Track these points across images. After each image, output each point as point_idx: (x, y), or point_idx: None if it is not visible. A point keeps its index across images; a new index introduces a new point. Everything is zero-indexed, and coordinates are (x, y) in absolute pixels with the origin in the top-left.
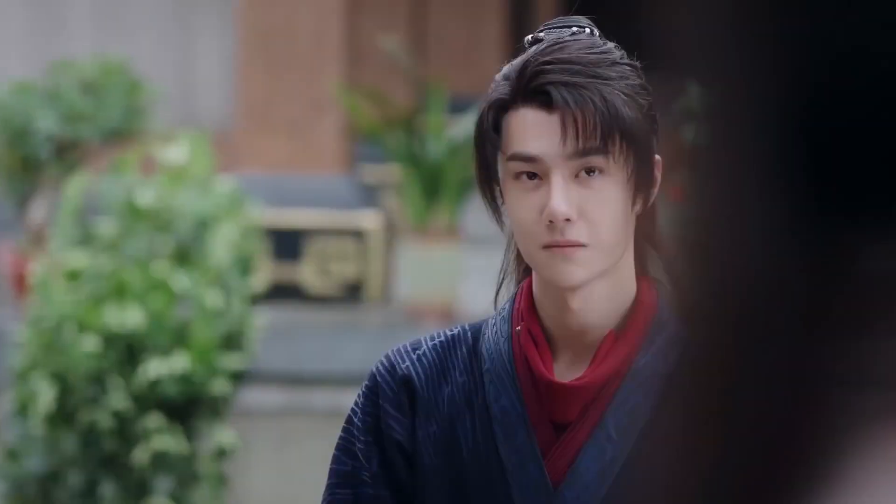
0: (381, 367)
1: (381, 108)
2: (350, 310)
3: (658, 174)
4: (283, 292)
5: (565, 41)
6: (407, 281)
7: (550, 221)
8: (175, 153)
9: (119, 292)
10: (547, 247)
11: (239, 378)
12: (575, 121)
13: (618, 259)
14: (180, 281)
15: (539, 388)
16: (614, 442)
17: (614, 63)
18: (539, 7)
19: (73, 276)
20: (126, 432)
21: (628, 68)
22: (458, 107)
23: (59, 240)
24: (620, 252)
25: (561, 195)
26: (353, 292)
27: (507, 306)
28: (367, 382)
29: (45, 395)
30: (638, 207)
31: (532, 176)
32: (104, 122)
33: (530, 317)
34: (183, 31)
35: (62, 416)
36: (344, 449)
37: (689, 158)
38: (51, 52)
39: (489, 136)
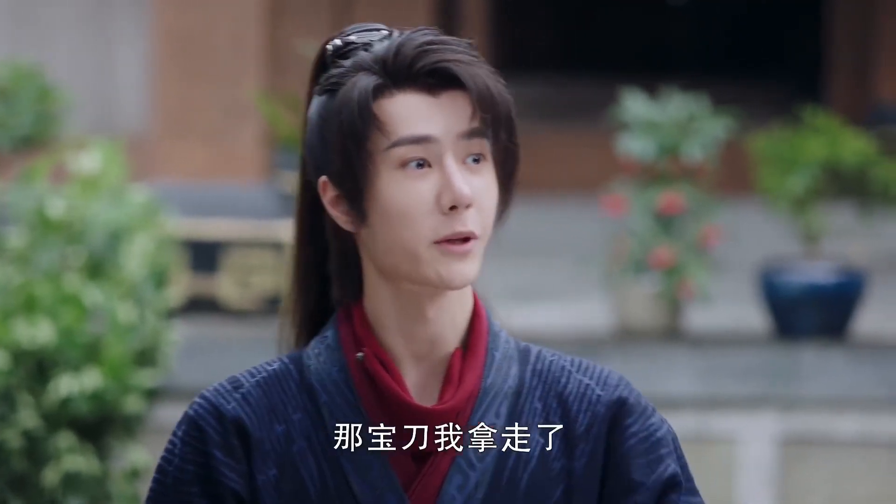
0: (201, 411)
1: (301, 116)
2: (269, 324)
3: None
4: (199, 306)
5: (421, 29)
6: None
7: (452, 208)
8: (87, 161)
9: (28, 306)
10: (441, 242)
11: (153, 395)
12: (480, 98)
13: None
14: (92, 295)
15: (395, 416)
16: (476, 467)
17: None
18: (466, 10)
19: None
20: (36, 452)
21: None
22: None
23: None
24: None
25: (461, 177)
26: (272, 306)
27: (329, 333)
28: (184, 428)
29: None
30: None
31: (420, 164)
32: (14, 129)
33: (371, 341)
34: (100, 35)
35: None
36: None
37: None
38: None
39: (359, 128)
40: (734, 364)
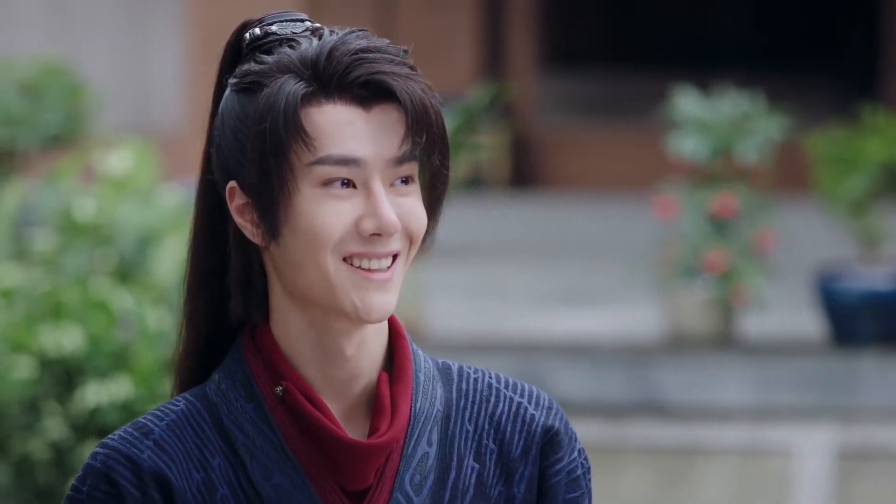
0: (113, 463)
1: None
2: None
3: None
4: None
5: (353, 31)
6: None
7: (374, 234)
8: (117, 161)
9: (56, 312)
10: (357, 269)
11: None
12: (416, 120)
13: None
14: (121, 300)
15: (328, 455)
16: (414, 502)
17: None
18: (514, 4)
19: (7, 294)
20: (63, 463)
21: None
22: None
23: None
24: None
25: (388, 205)
26: None
27: (235, 366)
28: (92, 482)
29: None
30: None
31: (345, 184)
32: (43, 127)
33: (289, 372)
34: (135, 30)
35: None
36: None
37: None
38: None
39: (283, 139)
40: (790, 373)
